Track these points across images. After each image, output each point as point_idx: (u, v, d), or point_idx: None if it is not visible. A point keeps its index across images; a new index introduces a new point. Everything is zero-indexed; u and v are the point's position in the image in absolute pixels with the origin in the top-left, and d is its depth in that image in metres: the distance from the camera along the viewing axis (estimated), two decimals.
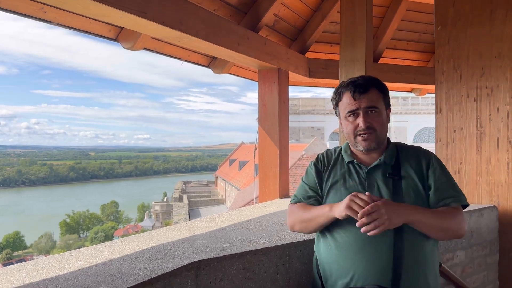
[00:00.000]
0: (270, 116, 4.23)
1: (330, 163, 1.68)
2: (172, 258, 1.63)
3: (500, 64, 3.13)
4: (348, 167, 1.64)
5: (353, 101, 1.57)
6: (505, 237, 3.06)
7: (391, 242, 1.48)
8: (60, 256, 1.80)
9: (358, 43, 3.60)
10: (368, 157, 1.63)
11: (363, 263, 1.48)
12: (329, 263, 1.58)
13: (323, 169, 1.68)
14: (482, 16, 3.22)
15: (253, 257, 1.73)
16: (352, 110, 1.57)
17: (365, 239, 1.47)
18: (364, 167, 1.62)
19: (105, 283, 1.37)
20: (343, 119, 1.63)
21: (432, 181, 1.57)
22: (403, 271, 1.46)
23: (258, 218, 2.70)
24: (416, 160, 1.61)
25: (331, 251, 1.57)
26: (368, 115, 1.56)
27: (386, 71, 5.17)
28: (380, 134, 1.58)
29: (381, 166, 1.60)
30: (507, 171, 3.08)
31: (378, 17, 4.98)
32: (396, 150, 1.65)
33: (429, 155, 1.64)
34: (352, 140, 1.61)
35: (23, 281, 1.45)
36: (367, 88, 1.57)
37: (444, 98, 3.38)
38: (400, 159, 1.62)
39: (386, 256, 1.47)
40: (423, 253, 1.53)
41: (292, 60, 4.41)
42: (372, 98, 1.57)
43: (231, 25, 3.49)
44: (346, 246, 1.52)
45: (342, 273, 1.52)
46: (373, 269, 1.47)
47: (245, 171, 29.67)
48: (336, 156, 1.70)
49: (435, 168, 1.59)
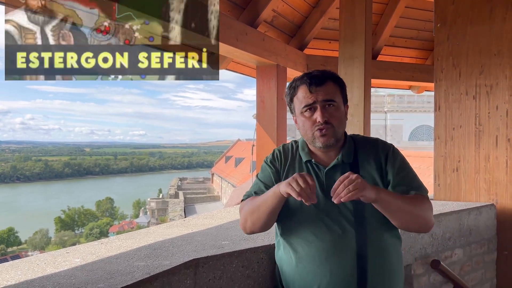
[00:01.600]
0: (268, 112, 4.21)
1: (288, 160, 1.56)
2: (170, 256, 1.61)
3: (499, 62, 3.12)
4: (306, 167, 1.53)
5: (310, 94, 1.45)
6: (503, 235, 3.06)
7: (355, 252, 1.41)
8: (56, 253, 1.77)
9: (357, 40, 3.58)
10: (326, 156, 1.52)
11: (327, 277, 1.41)
12: (291, 275, 1.50)
13: (280, 166, 1.56)
14: (482, 14, 3.21)
15: (252, 254, 1.72)
16: (308, 104, 1.46)
17: (328, 250, 1.41)
18: (322, 167, 1.51)
19: (103, 281, 1.35)
20: (298, 115, 1.50)
21: (391, 176, 1.48)
22: (368, 281, 1.40)
23: None
24: (374, 155, 1.52)
25: (293, 263, 1.48)
26: (325, 109, 1.45)
27: (384, 68, 5.17)
28: (338, 129, 1.48)
29: (339, 166, 1.49)
30: (505, 169, 3.08)
31: (377, 14, 4.97)
32: (353, 145, 1.55)
33: (387, 149, 1.54)
34: (310, 137, 1.49)
35: (18, 278, 1.42)
36: (324, 80, 1.47)
37: (443, 95, 3.37)
38: (358, 156, 1.52)
39: (350, 267, 1.41)
40: (389, 259, 1.47)
41: (290, 57, 4.39)
42: (329, 91, 1.47)
43: (229, 20, 3.46)
44: (309, 259, 1.44)
45: (307, 286, 1.45)
46: (338, 282, 1.41)
47: (241, 168, 29.68)
48: (294, 153, 1.58)
49: (393, 162, 1.50)
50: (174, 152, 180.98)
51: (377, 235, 1.45)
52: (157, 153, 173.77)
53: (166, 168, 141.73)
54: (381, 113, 34.70)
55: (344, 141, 1.54)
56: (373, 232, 1.44)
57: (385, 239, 1.47)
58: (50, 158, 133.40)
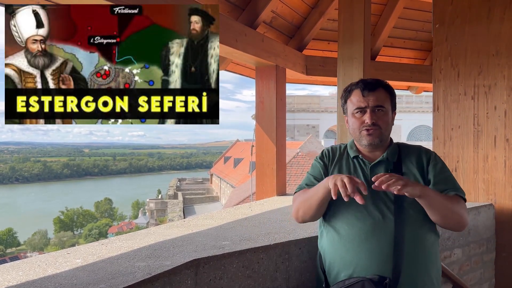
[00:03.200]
0: (267, 113, 4.21)
1: (335, 157, 1.73)
2: (171, 256, 1.61)
3: (498, 62, 3.14)
4: (353, 162, 1.69)
5: (362, 98, 1.62)
6: (502, 235, 3.07)
7: (392, 235, 1.53)
8: (57, 254, 1.77)
9: (356, 40, 3.59)
10: (372, 154, 1.68)
11: (365, 255, 1.53)
12: (332, 256, 1.62)
13: (328, 162, 1.73)
14: (480, 14, 3.23)
15: (252, 255, 1.73)
16: (360, 107, 1.62)
17: (368, 231, 1.53)
18: (368, 162, 1.67)
19: (104, 281, 1.35)
20: (350, 116, 1.67)
21: (432, 176, 1.62)
22: (404, 262, 1.51)
23: (256, 216, 2.69)
24: (417, 157, 1.67)
25: (334, 244, 1.61)
26: (374, 113, 1.62)
27: (383, 69, 5.18)
28: (385, 132, 1.64)
29: (383, 163, 1.66)
30: (504, 169, 3.09)
31: (376, 15, 4.98)
32: (398, 148, 1.71)
33: (429, 153, 1.71)
34: (357, 135, 1.65)
35: (19, 279, 1.43)
36: (376, 87, 1.64)
37: (441, 96, 3.38)
38: (402, 156, 1.68)
39: (387, 248, 1.52)
40: (424, 245, 1.57)
41: (289, 57, 4.40)
42: (380, 97, 1.63)
43: (229, 21, 3.47)
44: (349, 238, 1.57)
45: (345, 265, 1.57)
46: (374, 261, 1.52)
47: (240, 168, 29.66)
48: (342, 151, 1.75)
49: (435, 164, 1.65)
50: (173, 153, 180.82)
51: (414, 225, 1.55)
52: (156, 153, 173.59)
53: (165, 169, 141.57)
54: None
55: (389, 144, 1.70)
56: (411, 222, 1.55)
57: (422, 230, 1.57)
58: (49, 159, 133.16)
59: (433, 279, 1.59)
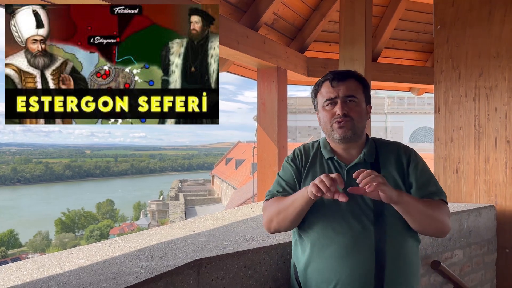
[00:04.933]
0: (269, 114, 4.23)
1: (309, 159, 1.59)
2: (174, 256, 1.62)
3: (498, 64, 3.15)
4: (327, 164, 1.56)
5: (332, 89, 1.50)
6: (503, 236, 3.07)
7: (373, 248, 1.44)
8: (60, 254, 1.78)
9: (357, 42, 3.61)
10: (348, 154, 1.55)
11: (346, 272, 1.43)
12: (308, 270, 1.52)
13: (301, 165, 1.59)
14: (481, 16, 3.24)
15: (254, 255, 1.73)
16: (330, 98, 1.50)
17: (348, 246, 1.44)
18: (344, 165, 1.54)
19: (107, 281, 1.37)
20: (320, 110, 1.55)
21: (414, 179, 1.52)
22: (385, 278, 1.43)
23: (257, 217, 2.70)
24: (396, 157, 1.55)
25: (311, 257, 1.51)
26: (346, 104, 1.49)
27: (384, 70, 5.19)
28: (357, 124, 1.50)
29: (361, 165, 1.51)
30: (505, 171, 3.10)
31: (377, 17, 4.99)
32: (375, 146, 1.58)
33: (409, 151, 1.58)
34: (329, 129, 1.52)
35: (24, 279, 1.44)
36: (346, 77, 1.52)
37: (442, 97, 3.39)
38: (379, 156, 1.55)
39: (369, 263, 1.43)
40: (406, 256, 1.49)
41: (291, 59, 4.42)
42: (351, 87, 1.51)
43: (230, 23, 3.49)
44: (328, 254, 1.46)
45: (324, 281, 1.47)
46: (357, 278, 1.43)
47: (242, 170, 29.67)
48: (315, 151, 1.60)
49: (416, 165, 1.54)
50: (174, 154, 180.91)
51: (395, 234, 1.47)
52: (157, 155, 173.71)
53: (167, 170, 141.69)
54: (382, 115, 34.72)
55: (365, 142, 1.57)
56: (392, 231, 1.46)
57: (404, 239, 1.49)
58: (50, 160, 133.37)
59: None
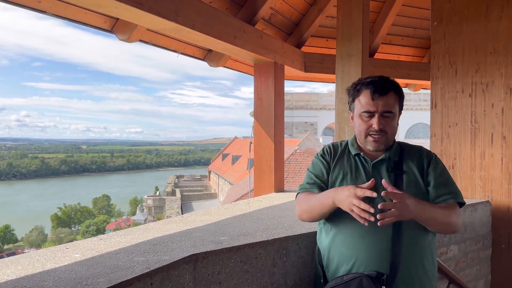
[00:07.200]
0: (265, 110, 4.21)
1: (337, 154, 1.73)
2: (170, 251, 1.62)
3: (495, 60, 3.15)
4: (354, 160, 1.70)
5: (372, 102, 1.60)
6: (498, 231, 3.09)
7: (390, 232, 1.55)
8: (55, 248, 1.78)
9: (354, 37, 3.59)
10: (374, 152, 1.69)
11: (363, 251, 1.56)
12: (331, 252, 1.65)
13: (330, 158, 1.73)
14: (478, 12, 3.24)
15: (250, 250, 1.74)
16: (369, 111, 1.61)
17: (367, 228, 1.53)
18: (369, 160, 1.68)
19: (103, 275, 1.36)
20: (356, 115, 1.66)
21: (432, 178, 1.64)
22: (402, 259, 1.54)
23: (254, 212, 2.70)
24: (418, 158, 1.69)
25: (334, 240, 1.64)
26: (383, 118, 1.61)
27: (381, 66, 5.18)
28: (390, 137, 1.65)
29: (385, 161, 1.66)
30: (500, 167, 3.11)
31: (374, 12, 4.98)
32: (400, 148, 1.72)
33: (430, 154, 1.72)
34: (363, 139, 1.66)
35: (19, 273, 1.43)
36: (387, 91, 1.61)
37: (439, 93, 3.40)
38: (403, 156, 1.69)
39: (385, 244, 1.55)
40: (421, 243, 1.60)
41: (288, 54, 4.40)
42: (389, 102, 1.61)
43: (227, 18, 3.46)
44: (348, 234, 1.59)
45: (344, 260, 1.59)
46: (373, 257, 1.55)
47: (238, 165, 29.65)
48: (343, 148, 1.75)
49: (435, 166, 1.67)
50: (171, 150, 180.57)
51: (412, 224, 1.56)
52: (154, 150, 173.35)
53: (163, 166, 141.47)
54: None
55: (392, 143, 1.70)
56: (409, 221, 1.55)
57: (420, 230, 1.60)
58: (46, 155, 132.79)
59: (429, 275, 1.62)
